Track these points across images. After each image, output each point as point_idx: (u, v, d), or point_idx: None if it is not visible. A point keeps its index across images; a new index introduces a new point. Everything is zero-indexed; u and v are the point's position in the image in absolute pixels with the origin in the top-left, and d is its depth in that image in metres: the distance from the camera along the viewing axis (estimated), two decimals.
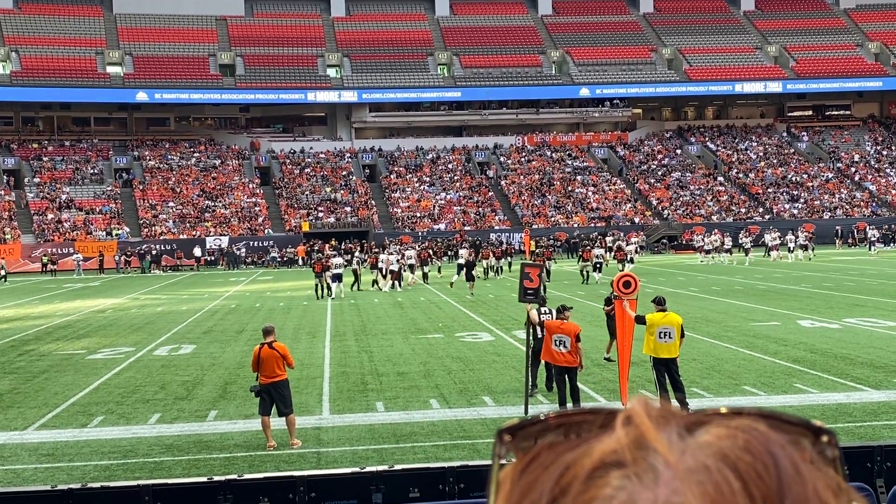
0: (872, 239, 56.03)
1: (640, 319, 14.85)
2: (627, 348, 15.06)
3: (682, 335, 14.82)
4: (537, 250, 46.27)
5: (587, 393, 16.22)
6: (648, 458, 0.68)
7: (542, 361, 15.81)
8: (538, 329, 16.00)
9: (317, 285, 36.26)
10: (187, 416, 15.48)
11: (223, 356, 21.80)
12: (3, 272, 52.16)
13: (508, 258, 47.01)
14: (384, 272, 39.26)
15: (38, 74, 72.24)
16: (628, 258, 45.65)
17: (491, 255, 45.19)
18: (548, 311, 16.34)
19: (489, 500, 0.74)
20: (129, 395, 17.36)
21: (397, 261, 39.82)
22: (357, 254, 46.31)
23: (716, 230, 58.08)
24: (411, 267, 41.41)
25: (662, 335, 14.57)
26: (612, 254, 44.61)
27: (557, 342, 14.27)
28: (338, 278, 36.20)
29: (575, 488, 0.67)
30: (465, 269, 37.09)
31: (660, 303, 15.22)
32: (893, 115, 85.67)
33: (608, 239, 56.56)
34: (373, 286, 39.63)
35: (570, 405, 14.53)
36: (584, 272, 40.95)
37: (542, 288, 15.76)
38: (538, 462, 0.71)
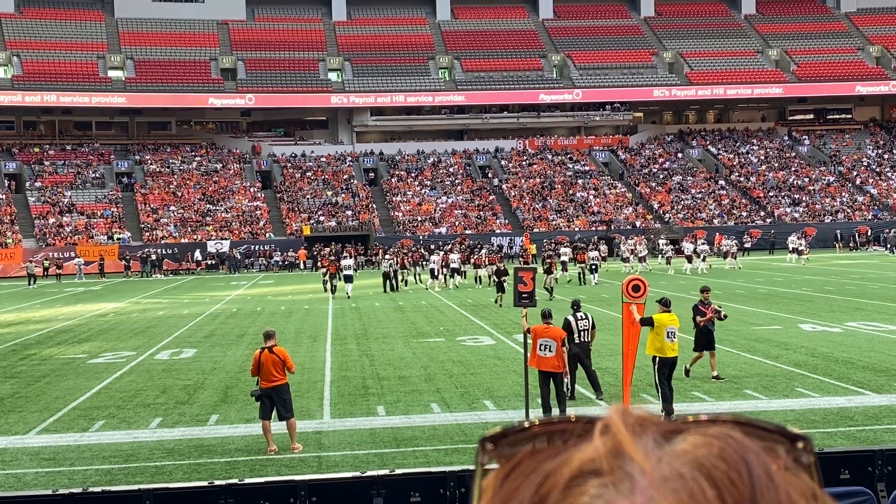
0: (799, 247, 51.12)
1: (648, 321, 14.86)
2: (632, 352, 15.05)
3: None
4: (547, 252, 46.23)
5: (590, 398, 16.22)
6: (625, 466, 0.69)
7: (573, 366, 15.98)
8: (576, 335, 15.96)
9: (327, 283, 38.76)
10: (188, 420, 15.48)
11: (224, 360, 21.81)
12: (33, 272, 52.41)
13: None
14: (436, 273, 40.87)
15: (40, 78, 72.32)
16: (702, 257, 46.57)
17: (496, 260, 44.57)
18: (584, 316, 16.30)
19: None
20: (131, 400, 17.37)
21: (458, 258, 42.09)
22: (386, 256, 46.86)
23: (633, 235, 57.26)
24: (455, 270, 42.02)
25: (670, 335, 14.67)
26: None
27: (543, 347, 14.29)
28: (348, 279, 38.12)
29: (554, 496, 0.68)
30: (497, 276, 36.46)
31: (666, 304, 15.26)
32: (894, 118, 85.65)
33: (630, 242, 56.14)
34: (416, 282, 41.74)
35: (555, 411, 14.53)
36: (581, 274, 41.82)
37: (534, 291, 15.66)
38: (519, 470, 0.72)
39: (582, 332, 16.07)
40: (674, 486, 0.67)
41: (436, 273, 40.94)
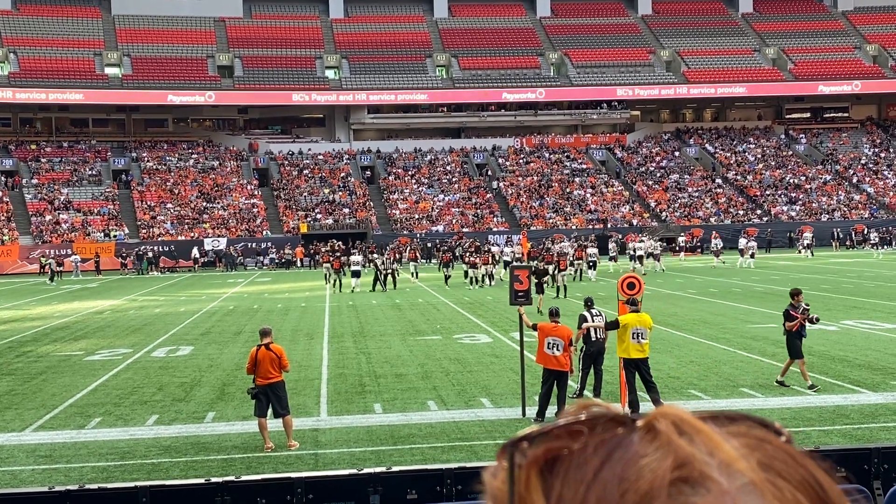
0: (714, 248, 51.31)
1: (613, 324, 14.93)
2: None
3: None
4: (556, 251, 46.01)
5: (586, 396, 16.21)
6: (716, 473, 0.65)
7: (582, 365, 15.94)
8: (592, 332, 15.88)
9: (333, 279, 40.40)
10: (185, 417, 15.48)
11: (221, 358, 21.79)
12: (53, 269, 52.20)
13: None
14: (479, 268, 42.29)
15: (37, 75, 72.22)
16: (750, 253, 48.28)
17: (489, 260, 42.73)
18: (598, 313, 16.25)
19: None
20: (127, 397, 17.36)
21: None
22: (374, 255, 47.14)
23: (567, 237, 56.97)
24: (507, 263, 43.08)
25: (636, 336, 14.66)
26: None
27: (551, 345, 14.25)
28: (356, 275, 39.54)
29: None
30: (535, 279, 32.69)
31: (633, 303, 15.25)
32: (891, 117, 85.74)
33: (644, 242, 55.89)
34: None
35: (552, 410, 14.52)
36: (577, 271, 42.02)
37: (530, 289, 15.57)
38: (576, 475, 0.67)
39: (597, 330, 16.03)
40: (776, 494, 0.65)
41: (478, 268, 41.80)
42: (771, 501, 0.64)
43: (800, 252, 52.30)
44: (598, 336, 15.99)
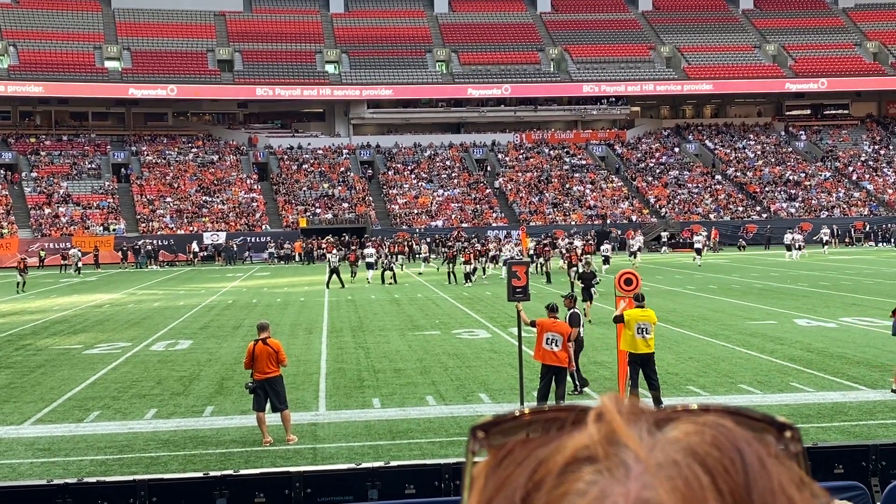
0: (824, 239, 55.56)
1: (619, 318, 14.94)
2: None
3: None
4: (568, 247, 45.91)
5: (585, 392, 16.22)
6: (620, 453, 0.69)
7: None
8: (581, 329, 15.88)
9: (345, 273, 40.49)
10: (184, 411, 15.49)
11: (220, 352, 21.80)
12: (78, 263, 52.14)
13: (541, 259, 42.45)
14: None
15: (36, 68, 72.13)
16: (797, 245, 50.46)
17: (472, 256, 40.87)
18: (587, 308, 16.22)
19: (463, 497, 0.75)
20: (126, 391, 17.37)
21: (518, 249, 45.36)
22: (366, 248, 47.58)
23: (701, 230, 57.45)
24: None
25: (640, 331, 14.67)
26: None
27: (549, 341, 14.19)
28: (370, 266, 40.20)
29: (548, 483, 0.69)
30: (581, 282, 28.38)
31: (638, 299, 15.27)
32: (891, 114, 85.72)
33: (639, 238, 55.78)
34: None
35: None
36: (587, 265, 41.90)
37: (528, 286, 15.44)
38: (511, 458, 0.72)
39: (582, 328, 16.06)
40: (669, 473, 0.67)
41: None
42: (659, 479, 0.67)
43: (799, 248, 52.28)
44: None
